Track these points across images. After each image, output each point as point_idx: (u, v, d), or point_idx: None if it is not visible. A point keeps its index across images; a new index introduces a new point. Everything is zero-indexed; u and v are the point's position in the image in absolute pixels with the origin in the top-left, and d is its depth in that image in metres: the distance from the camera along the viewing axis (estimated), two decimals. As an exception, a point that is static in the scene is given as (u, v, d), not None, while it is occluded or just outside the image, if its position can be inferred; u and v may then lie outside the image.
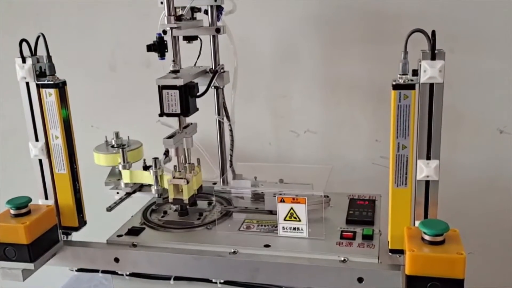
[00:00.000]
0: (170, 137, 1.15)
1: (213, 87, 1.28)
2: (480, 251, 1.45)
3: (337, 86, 1.53)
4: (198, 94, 1.16)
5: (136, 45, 1.26)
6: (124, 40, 1.64)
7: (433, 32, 0.90)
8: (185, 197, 1.18)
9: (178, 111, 1.11)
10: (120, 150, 1.26)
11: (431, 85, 0.92)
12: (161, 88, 1.10)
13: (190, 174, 1.19)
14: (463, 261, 0.85)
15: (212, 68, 1.27)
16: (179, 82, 1.09)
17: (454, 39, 1.37)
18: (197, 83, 1.17)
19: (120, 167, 1.26)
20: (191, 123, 1.24)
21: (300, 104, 1.56)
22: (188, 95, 1.12)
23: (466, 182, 1.48)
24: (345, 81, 1.52)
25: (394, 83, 0.93)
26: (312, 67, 1.52)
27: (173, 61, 1.13)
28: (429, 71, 0.91)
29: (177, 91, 1.10)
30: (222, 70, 1.28)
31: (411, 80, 0.93)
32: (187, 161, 1.25)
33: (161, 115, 1.13)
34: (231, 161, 1.37)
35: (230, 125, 1.35)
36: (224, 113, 1.34)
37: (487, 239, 1.50)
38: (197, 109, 1.17)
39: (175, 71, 1.14)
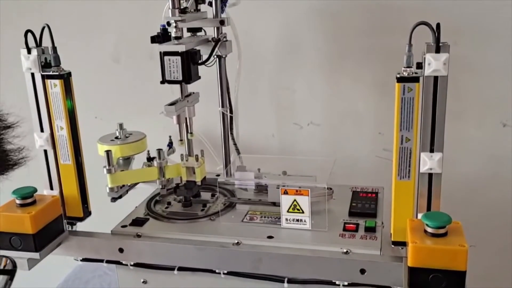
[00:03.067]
0: (171, 104, 1.14)
1: (215, 56, 1.26)
2: (483, 244, 1.45)
3: (341, 79, 1.53)
4: (200, 61, 1.16)
5: (140, 37, 1.26)
6: (128, 31, 1.64)
7: (438, 25, 0.90)
8: (198, 178, 1.20)
9: (180, 78, 1.10)
10: (105, 153, 1.16)
11: (435, 78, 0.92)
12: (163, 54, 1.09)
13: (197, 162, 1.20)
14: (465, 253, 0.86)
15: (214, 37, 1.26)
16: (181, 48, 1.08)
17: (458, 32, 1.36)
18: (199, 50, 1.16)
19: (105, 171, 1.17)
20: (193, 92, 1.23)
21: (304, 97, 1.56)
22: (190, 62, 1.11)
23: (469, 175, 1.48)
24: (348, 73, 1.52)
25: (398, 75, 0.93)
26: (316, 59, 1.52)
27: (176, 27, 1.11)
28: (433, 64, 0.91)
29: (179, 57, 1.09)
30: (224, 39, 1.26)
31: (415, 73, 0.93)
32: (191, 153, 1.26)
33: (162, 82, 1.12)
34: (237, 149, 1.38)
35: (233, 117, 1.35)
36: (227, 105, 1.34)
37: (490, 232, 1.50)
38: (199, 77, 1.16)
39: (177, 38, 1.13)
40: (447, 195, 1.01)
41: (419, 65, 0.94)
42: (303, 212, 1.10)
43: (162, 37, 1.16)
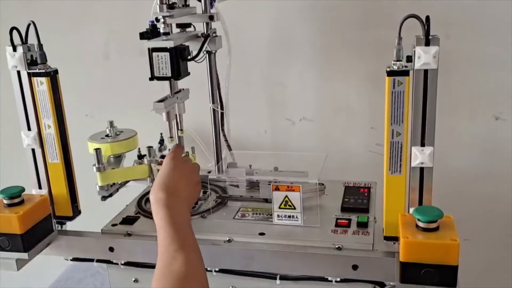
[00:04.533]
0: (161, 101, 1.13)
1: (205, 52, 1.24)
2: (476, 238, 1.45)
3: (333, 73, 1.52)
4: (189, 57, 1.14)
5: (130, 33, 1.24)
6: (117, 28, 1.62)
7: (427, 18, 0.89)
8: None
9: (169, 75, 1.09)
10: (94, 151, 1.14)
11: (425, 71, 0.91)
12: (151, 50, 1.08)
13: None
14: (457, 247, 0.85)
15: (204, 32, 1.24)
16: (170, 44, 1.07)
17: (450, 24, 1.36)
18: (188, 46, 1.15)
19: (94, 169, 1.15)
20: (183, 89, 1.22)
21: (296, 92, 1.55)
22: (179, 58, 1.09)
23: (461, 169, 1.48)
24: (341, 68, 1.51)
25: (388, 69, 0.92)
26: (307, 54, 1.51)
27: (164, 22, 1.10)
28: (423, 57, 0.90)
29: (167, 54, 1.07)
30: (214, 34, 1.24)
31: (405, 66, 0.92)
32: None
33: (151, 78, 1.10)
34: (228, 146, 1.37)
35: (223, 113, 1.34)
36: (218, 101, 1.33)
37: (482, 226, 1.50)
38: (189, 73, 1.15)
39: (165, 33, 1.11)
40: (438, 189, 1.00)
41: (409, 59, 0.93)
42: (294, 208, 1.09)
43: (151, 33, 1.15)
